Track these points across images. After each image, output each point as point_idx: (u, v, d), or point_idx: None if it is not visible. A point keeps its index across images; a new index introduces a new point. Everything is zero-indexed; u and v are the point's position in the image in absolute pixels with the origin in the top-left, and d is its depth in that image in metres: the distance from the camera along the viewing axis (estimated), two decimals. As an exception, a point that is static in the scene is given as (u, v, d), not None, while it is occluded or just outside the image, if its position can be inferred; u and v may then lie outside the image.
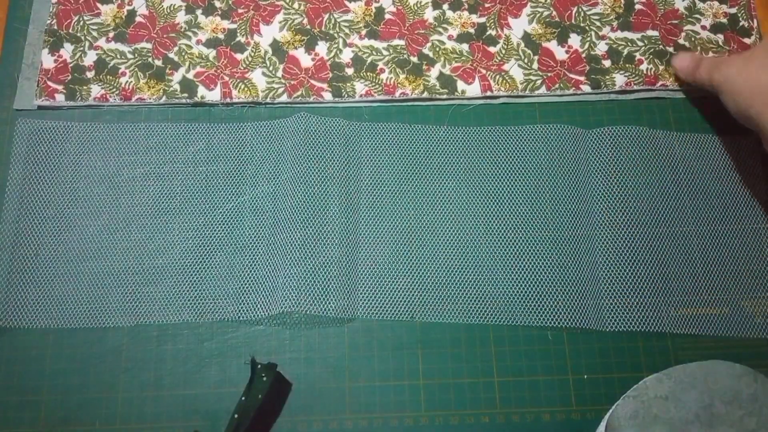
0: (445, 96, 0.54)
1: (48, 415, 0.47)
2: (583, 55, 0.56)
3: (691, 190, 0.52)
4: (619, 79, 0.55)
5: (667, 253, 0.50)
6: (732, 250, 0.50)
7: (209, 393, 0.47)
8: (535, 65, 0.55)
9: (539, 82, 0.55)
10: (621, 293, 0.49)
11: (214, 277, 0.50)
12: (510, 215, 0.51)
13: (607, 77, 0.55)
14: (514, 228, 0.51)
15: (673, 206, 0.51)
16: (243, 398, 0.45)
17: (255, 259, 0.50)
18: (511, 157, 0.53)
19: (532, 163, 0.53)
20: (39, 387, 0.47)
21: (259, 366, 0.45)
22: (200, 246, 0.50)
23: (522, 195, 0.52)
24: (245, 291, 0.49)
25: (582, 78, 0.55)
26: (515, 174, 0.52)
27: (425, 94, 0.54)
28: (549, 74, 0.55)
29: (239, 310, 0.49)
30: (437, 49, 0.56)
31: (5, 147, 0.53)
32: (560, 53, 0.56)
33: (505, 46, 0.56)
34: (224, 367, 0.48)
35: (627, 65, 0.55)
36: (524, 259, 0.50)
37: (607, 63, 0.55)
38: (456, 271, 0.50)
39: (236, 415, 0.44)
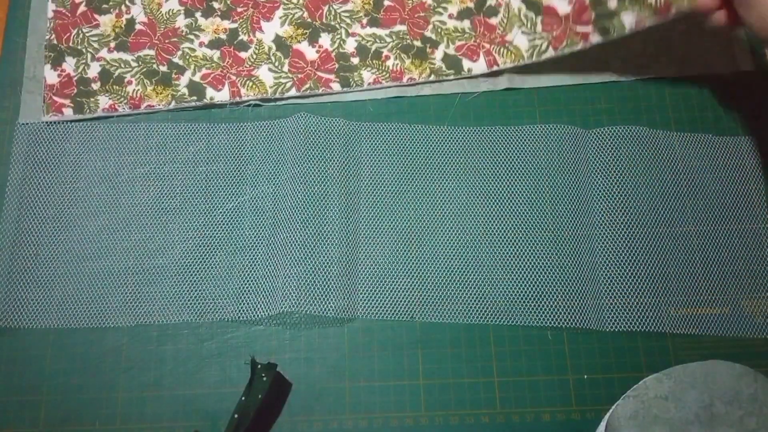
0: (452, 77, 0.54)
1: (48, 415, 0.47)
2: (587, 2, 0.51)
3: (691, 190, 0.51)
4: (628, 20, 0.49)
5: (667, 253, 0.50)
6: (732, 250, 0.50)
7: (209, 393, 0.47)
8: (539, 27, 0.54)
9: (545, 45, 0.53)
10: (621, 293, 0.48)
11: (214, 277, 0.50)
12: (510, 215, 0.51)
13: (615, 20, 0.50)
14: (514, 228, 0.51)
15: (673, 206, 0.51)
16: (243, 398, 0.45)
17: (255, 259, 0.50)
18: (511, 157, 0.53)
19: (532, 163, 0.52)
20: (39, 387, 0.47)
21: (259, 366, 0.45)
22: (200, 246, 0.50)
23: (522, 195, 0.52)
24: (245, 291, 0.49)
25: (589, 28, 0.51)
26: (515, 174, 0.52)
27: (432, 77, 0.54)
28: (555, 33, 0.53)
29: (239, 310, 0.49)
30: (439, 30, 0.56)
31: (6, 147, 0.53)
32: (563, 7, 0.53)
33: (506, 14, 0.55)
34: (224, 367, 0.48)
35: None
36: (524, 259, 0.50)
37: (612, 4, 0.50)
38: (456, 271, 0.50)
39: (236, 415, 0.44)
